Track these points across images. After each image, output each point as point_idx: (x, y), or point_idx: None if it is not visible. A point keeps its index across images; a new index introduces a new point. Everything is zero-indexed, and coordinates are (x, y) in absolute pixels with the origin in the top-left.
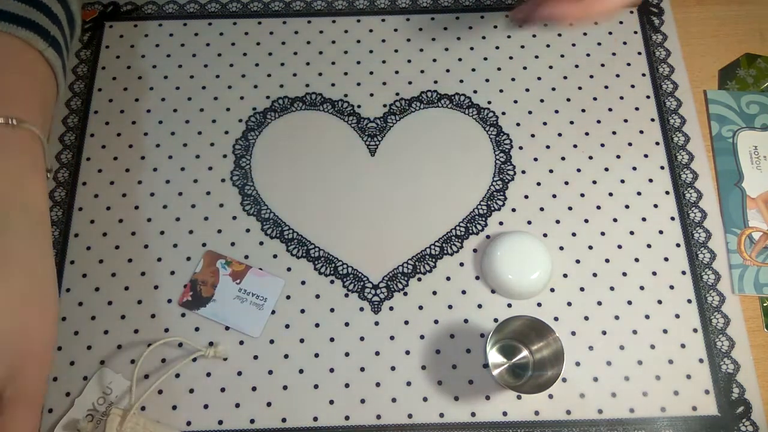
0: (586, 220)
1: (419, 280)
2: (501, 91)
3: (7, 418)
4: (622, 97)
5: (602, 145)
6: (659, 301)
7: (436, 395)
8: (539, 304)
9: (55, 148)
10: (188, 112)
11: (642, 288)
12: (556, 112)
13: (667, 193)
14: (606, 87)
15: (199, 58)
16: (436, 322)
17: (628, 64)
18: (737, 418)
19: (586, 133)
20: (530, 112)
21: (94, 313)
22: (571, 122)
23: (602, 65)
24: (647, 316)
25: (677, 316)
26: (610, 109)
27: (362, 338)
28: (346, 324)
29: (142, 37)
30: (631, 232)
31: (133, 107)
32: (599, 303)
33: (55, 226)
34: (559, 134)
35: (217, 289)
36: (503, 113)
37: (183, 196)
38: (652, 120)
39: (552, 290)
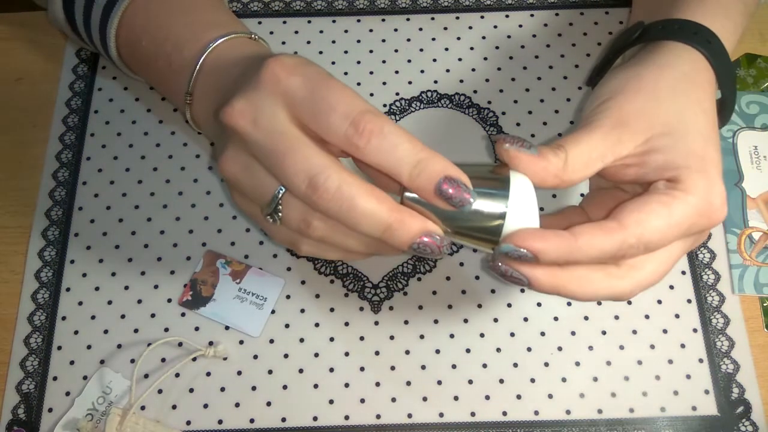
0: None
1: (419, 279)
2: (501, 91)
3: None
4: None
5: None
6: (659, 301)
7: (436, 395)
8: (539, 304)
9: (55, 147)
10: None
11: None
12: (556, 112)
13: None
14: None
15: None
16: (436, 322)
17: None
18: (737, 418)
19: None
20: (530, 112)
21: (94, 312)
22: (571, 122)
23: None
24: (647, 316)
25: (677, 316)
26: None
27: (362, 338)
28: (346, 324)
29: None
30: None
31: (133, 107)
32: (599, 303)
33: (55, 226)
34: (559, 134)
35: (217, 288)
36: (503, 113)
37: (183, 196)
38: None
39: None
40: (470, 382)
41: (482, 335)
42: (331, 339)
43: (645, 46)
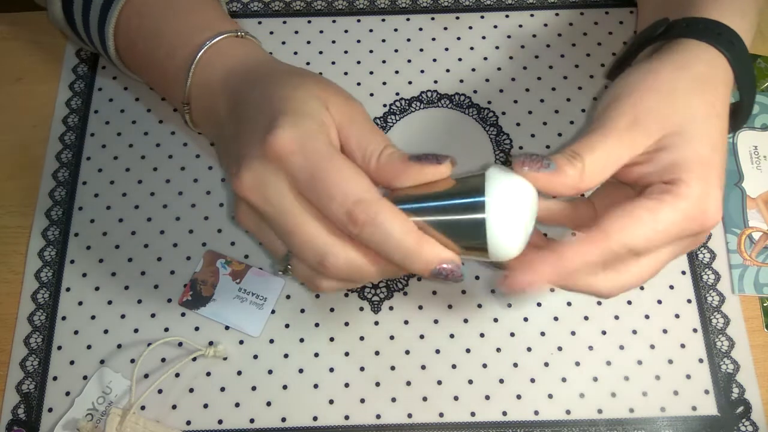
0: None
1: (419, 279)
2: (501, 91)
3: None
4: None
5: None
6: (659, 301)
7: (436, 395)
8: (539, 304)
9: (55, 147)
10: None
11: (642, 288)
12: (556, 112)
13: None
14: (606, 87)
15: None
16: (436, 322)
17: None
18: (737, 418)
19: None
20: (530, 112)
21: (94, 312)
22: (571, 122)
23: (602, 65)
24: (647, 316)
25: (677, 316)
26: None
27: (362, 338)
28: (346, 324)
29: None
30: None
31: (133, 106)
32: (599, 303)
33: (55, 226)
34: (559, 134)
35: (217, 288)
36: (503, 113)
37: (183, 196)
38: None
39: (552, 290)
40: (470, 382)
41: (482, 335)
42: (331, 339)
43: (666, 43)
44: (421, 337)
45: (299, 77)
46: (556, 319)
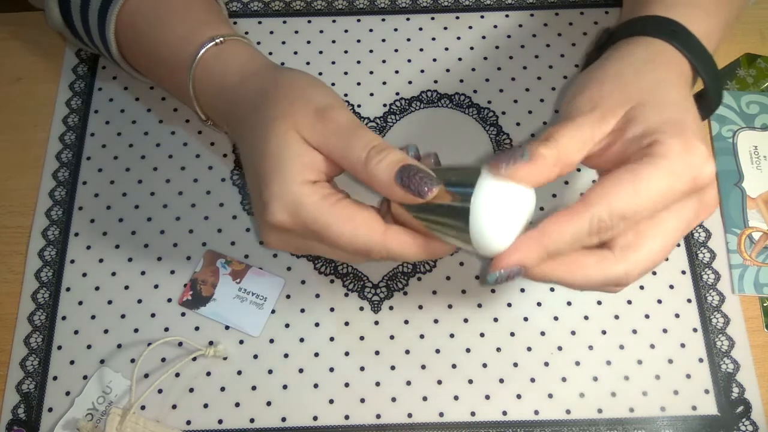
0: None
1: (419, 279)
2: (501, 91)
3: None
4: None
5: None
6: (659, 301)
7: (436, 395)
8: (539, 304)
9: (55, 147)
10: (188, 112)
11: (642, 288)
12: (556, 112)
13: None
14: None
15: None
16: (436, 321)
17: None
18: (737, 418)
19: None
20: (530, 112)
21: (94, 312)
22: None
23: None
24: (647, 316)
25: (677, 315)
26: None
27: (362, 338)
28: (346, 323)
29: None
30: None
31: (133, 106)
32: (599, 302)
33: (55, 225)
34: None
35: (217, 288)
36: (503, 113)
37: (183, 196)
38: None
39: (552, 290)
40: (470, 381)
41: (482, 335)
42: (331, 339)
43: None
44: (421, 336)
45: (266, 112)
46: (556, 318)
